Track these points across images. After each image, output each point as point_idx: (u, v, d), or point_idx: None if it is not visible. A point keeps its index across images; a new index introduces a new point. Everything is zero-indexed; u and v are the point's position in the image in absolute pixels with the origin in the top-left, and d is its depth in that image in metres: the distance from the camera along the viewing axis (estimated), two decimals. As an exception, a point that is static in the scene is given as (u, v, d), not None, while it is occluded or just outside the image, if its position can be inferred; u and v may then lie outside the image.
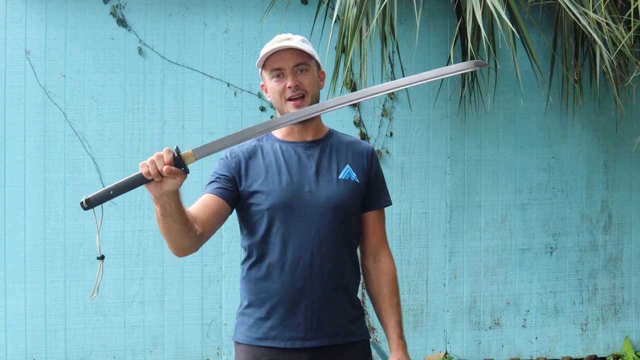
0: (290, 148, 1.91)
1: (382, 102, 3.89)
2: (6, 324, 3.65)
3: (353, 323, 1.93)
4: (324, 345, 1.86)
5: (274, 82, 1.88)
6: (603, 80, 3.84)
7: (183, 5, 3.75)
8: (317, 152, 1.92)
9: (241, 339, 1.91)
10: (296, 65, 1.86)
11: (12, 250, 3.64)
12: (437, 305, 3.97)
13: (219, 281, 3.79)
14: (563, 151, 4.06)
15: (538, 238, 4.04)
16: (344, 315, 1.90)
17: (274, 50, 1.84)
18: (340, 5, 3.29)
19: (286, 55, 1.85)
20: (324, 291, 1.85)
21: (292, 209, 1.84)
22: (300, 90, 1.85)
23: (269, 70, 1.89)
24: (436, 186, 3.95)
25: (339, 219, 1.87)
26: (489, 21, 3.51)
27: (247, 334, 1.90)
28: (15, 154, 3.64)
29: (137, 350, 3.74)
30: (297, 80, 1.85)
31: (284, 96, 1.86)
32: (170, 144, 3.73)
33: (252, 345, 1.89)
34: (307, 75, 1.87)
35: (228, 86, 3.79)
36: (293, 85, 1.84)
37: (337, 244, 1.88)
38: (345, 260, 1.91)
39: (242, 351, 1.91)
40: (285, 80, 1.86)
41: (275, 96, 1.89)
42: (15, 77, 3.63)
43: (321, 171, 1.90)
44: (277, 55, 1.86)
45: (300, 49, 1.85)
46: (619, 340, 4.15)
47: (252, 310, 1.90)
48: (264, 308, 1.87)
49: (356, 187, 1.93)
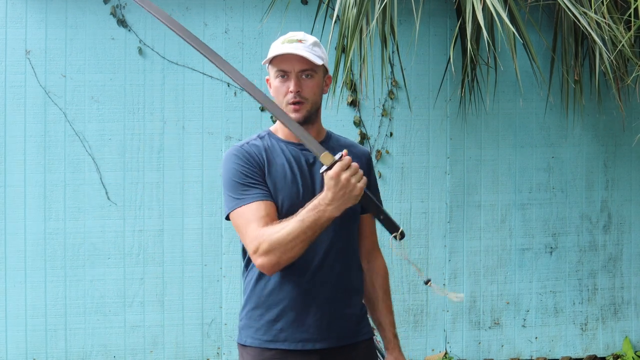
0: (297, 151, 1.89)
1: (382, 102, 3.89)
2: (6, 324, 3.65)
3: (360, 323, 1.95)
4: (333, 347, 1.87)
5: (277, 81, 1.87)
6: (603, 80, 3.84)
7: (183, 5, 3.75)
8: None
9: (249, 342, 1.89)
10: (302, 71, 1.84)
11: (12, 250, 3.64)
12: (437, 305, 3.97)
13: (219, 281, 3.80)
14: (563, 151, 4.06)
15: (538, 238, 4.04)
16: (352, 316, 1.92)
17: (283, 53, 1.83)
18: (340, 6, 3.29)
19: (294, 59, 1.83)
20: (333, 293, 1.86)
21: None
22: (300, 97, 1.84)
23: (275, 69, 1.88)
24: (436, 186, 3.95)
25: (347, 224, 1.88)
26: (489, 21, 3.51)
27: (256, 336, 1.88)
28: (16, 154, 3.64)
29: (137, 350, 3.75)
30: (299, 87, 1.84)
31: (285, 99, 1.85)
32: (170, 143, 3.74)
33: (261, 347, 1.87)
34: (311, 82, 1.85)
35: (228, 86, 3.79)
36: (295, 91, 1.83)
37: (345, 247, 1.90)
38: (352, 263, 1.93)
39: (250, 354, 1.89)
40: (288, 82, 1.85)
41: (277, 96, 1.89)
42: (15, 77, 3.63)
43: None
44: (286, 57, 1.84)
45: (308, 59, 1.82)
46: (619, 340, 4.15)
47: (259, 312, 1.88)
48: (273, 311, 1.86)
49: None
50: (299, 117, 1.84)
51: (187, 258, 3.77)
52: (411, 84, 3.87)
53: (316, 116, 1.91)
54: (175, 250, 3.75)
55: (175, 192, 3.74)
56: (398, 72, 3.84)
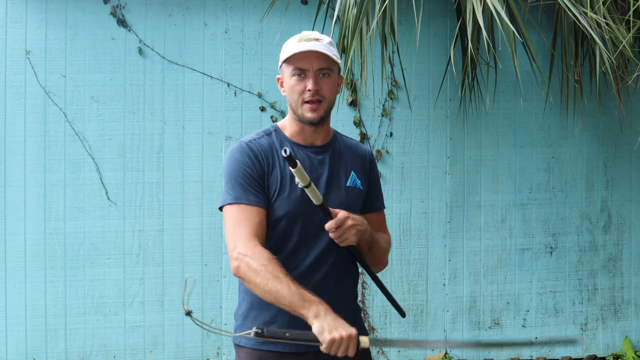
0: (303, 153, 1.89)
1: (382, 102, 3.89)
2: (6, 324, 3.65)
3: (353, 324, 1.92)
4: None
5: (294, 80, 1.84)
6: (603, 80, 3.84)
7: (183, 5, 3.75)
8: (327, 159, 1.90)
9: (244, 342, 1.90)
10: (320, 69, 1.83)
11: (12, 250, 3.64)
12: (437, 305, 3.97)
13: (219, 281, 3.80)
14: (563, 151, 4.06)
15: (538, 238, 4.04)
16: (347, 318, 1.90)
17: (303, 50, 1.80)
18: (341, 6, 3.29)
19: (312, 57, 1.81)
20: (330, 297, 1.84)
21: (304, 218, 1.84)
22: (318, 95, 1.82)
23: (291, 67, 1.84)
24: (436, 186, 3.95)
25: None
26: (489, 21, 3.51)
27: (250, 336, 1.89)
28: (16, 154, 3.64)
29: (137, 350, 3.75)
30: (318, 85, 1.82)
31: (302, 97, 1.83)
32: (170, 143, 3.74)
33: (254, 348, 1.88)
34: (328, 81, 1.84)
35: (228, 86, 3.79)
36: (313, 90, 1.81)
37: (344, 251, 1.90)
38: (350, 266, 1.94)
39: (246, 353, 1.90)
40: (306, 81, 1.82)
41: (292, 95, 1.85)
42: (15, 77, 3.63)
43: (332, 179, 1.89)
44: (304, 55, 1.81)
45: (328, 55, 1.82)
46: (619, 340, 4.15)
47: (255, 313, 1.89)
48: (269, 312, 1.86)
49: (360, 193, 1.95)
50: (315, 117, 1.83)
51: (187, 258, 3.77)
52: (411, 84, 3.87)
53: (329, 116, 1.90)
54: (175, 250, 3.75)
55: (175, 192, 3.74)
56: (398, 72, 3.84)
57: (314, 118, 1.83)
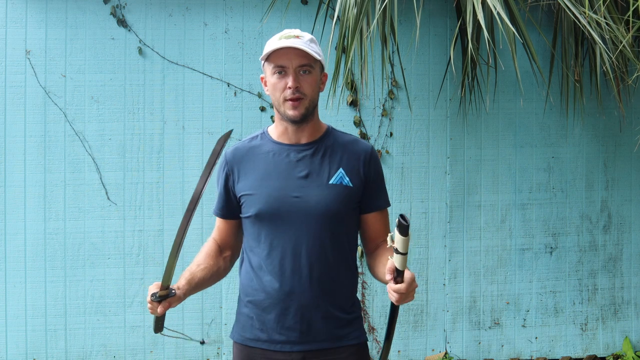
0: (283, 151, 1.90)
1: (382, 102, 3.89)
2: (6, 324, 3.65)
3: (345, 327, 1.91)
4: (313, 349, 1.88)
5: (275, 78, 1.84)
6: (603, 80, 3.84)
7: (183, 5, 3.75)
8: (309, 156, 1.89)
9: (235, 337, 1.97)
10: (300, 66, 1.82)
11: (12, 250, 3.64)
12: (437, 305, 3.97)
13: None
14: (563, 151, 4.06)
15: (538, 238, 4.04)
16: (334, 320, 1.89)
17: (281, 46, 1.80)
18: (341, 6, 3.29)
19: (292, 54, 1.81)
20: (312, 297, 1.85)
21: (280, 215, 1.85)
22: (299, 92, 1.82)
23: (272, 65, 1.84)
24: (436, 186, 3.95)
25: (329, 225, 1.85)
26: (489, 21, 3.51)
27: (241, 333, 1.95)
28: (16, 154, 3.64)
29: (137, 350, 3.75)
30: (298, 82, 1.82)
31: (283, 95, 1.83)
32: (170, 143, 3.74)
33: (244, 344, 1.94)
34: (309, 78, 1.84)
35: (228, 86, 3.79)
36: (293, 87, 1.81)
37: (327, 249, 1.86)
38: (336, 265, 1.89)
39: (238, 349, 1.96)
40: (286, 78, 1.82)
41: (274, 93, 1.85)
42: (15, 77, 3.63)
43: (311, 176, 1.87)
44: (283, 52, 1.82)
45: (307, 52, 1.81)
46: (619, 340, 4.15)
47: (247, 310, 1.94)
48: (256, 310, 1.91)
49: (348, 191, 1.89)
50: (297, 114, 1.83)
51: (186, 258, 3.76)
52: (411, 84, 3.87)
53: (313, 114, 1.89)
54: (175, 250, 3.75)
55: (175, 192, 3.75)
56: (398, 72, 3.84)
57: (295, 116, 1.83)
